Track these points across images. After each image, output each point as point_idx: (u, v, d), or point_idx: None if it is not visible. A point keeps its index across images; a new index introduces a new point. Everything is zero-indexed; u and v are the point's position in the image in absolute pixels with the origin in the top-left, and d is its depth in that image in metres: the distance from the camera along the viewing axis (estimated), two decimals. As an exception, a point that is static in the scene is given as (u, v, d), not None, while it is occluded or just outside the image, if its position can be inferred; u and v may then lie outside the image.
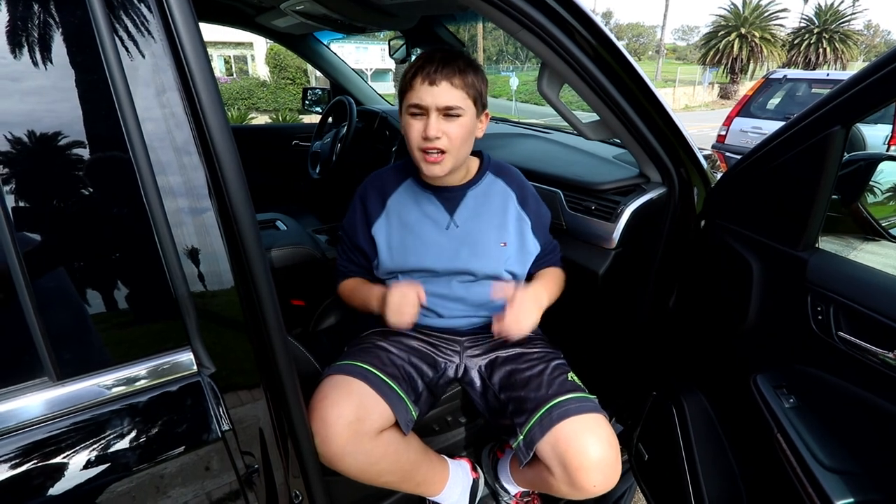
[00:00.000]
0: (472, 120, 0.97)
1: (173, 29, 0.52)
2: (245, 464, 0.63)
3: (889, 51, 0.73)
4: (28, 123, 0.47)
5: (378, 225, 1.08)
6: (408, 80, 0.94)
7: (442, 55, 0.93)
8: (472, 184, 1.08)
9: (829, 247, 0.91)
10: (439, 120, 0.93)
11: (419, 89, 0.92)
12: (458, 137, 0.95)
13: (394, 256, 1.06)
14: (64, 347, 0.50)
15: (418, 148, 0.96)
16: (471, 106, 0.96)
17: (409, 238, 1.05)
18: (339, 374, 0.94)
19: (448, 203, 1.07)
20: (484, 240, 1.06)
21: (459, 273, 1.06)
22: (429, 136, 0.92)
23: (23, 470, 0.48)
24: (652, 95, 1.03)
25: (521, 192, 1.13)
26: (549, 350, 1.10)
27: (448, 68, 0.91)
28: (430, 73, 0.91)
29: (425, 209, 1.07)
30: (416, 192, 1.08)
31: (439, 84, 0.91)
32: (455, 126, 0.94)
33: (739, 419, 1.04)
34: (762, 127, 5.75)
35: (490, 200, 1.09)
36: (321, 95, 2.75)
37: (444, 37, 2.08)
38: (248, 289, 0.61)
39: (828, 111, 0.81)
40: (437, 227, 1.06)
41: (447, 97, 0.92)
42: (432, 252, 1.05)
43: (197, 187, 0.55)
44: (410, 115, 0.95)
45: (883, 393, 0.75)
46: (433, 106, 0.92)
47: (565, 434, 0.89)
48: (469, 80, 0.94)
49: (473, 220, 1.07)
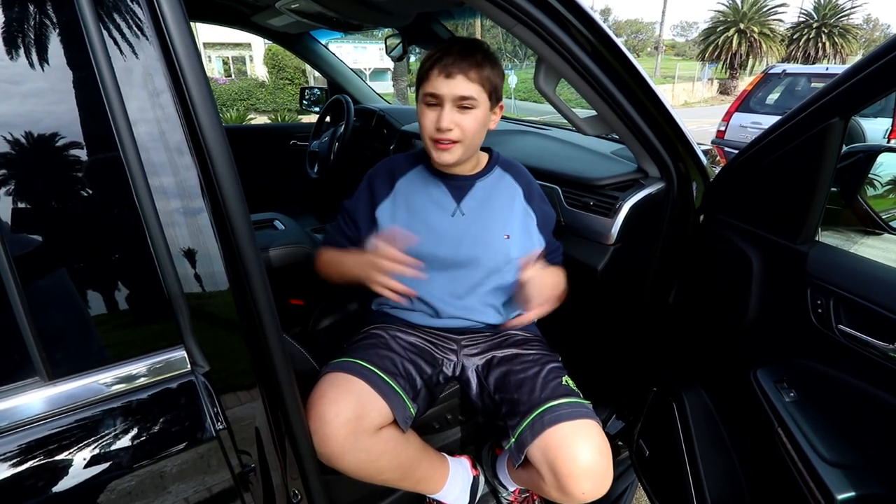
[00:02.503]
0: (486, 112, 0.98)
1: (164, 29, 0.52)
2: (241, 463, 0.63)
3: (886, 41, 0.72)
4: (20, 125, 0.46)
5: (383, 207, 1.08)
6: (425, 69, 0.95)
7: (460, 47, 0.93)
8: (481, 175, 1.10)
9: (829, 240, 0.91)
10: (453, 111, 0.94)
11: (435, 80, 0.93)
12: (471, 129, 0.96)
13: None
14: (55, 347, 0.50)
15: (430, 137, 0.97)
16: (485, 99, 0.96)
17: (414, 221, 1.05)
18: (337, 371, 0.93)
19: (456, 191, 1.08)
20: (488, 230, 1.07)
21: (460, 264, 1.06)
22: (441, 127, 0.94)
23: (15, 471, 0.48)
24: (649, 89, 1.03)
25: (528, 188, 1.14)
26: (546, 353, 1.09)
27: (465, 61, 0.92)
28: (447, 66, 0.91)
29: (433, 194, 1.07)
30: (426, 178, 1.08)
31: (455, 77, 0.92)
32: (469, 118, 0.95)
33: (740, 414, 1.04)
34: (762, 122, 5.74)
35: (498, 193, 1.10)
36: (319, 95, 2.75)
37: (440, 34, 2.07)
38: (242, 288, 0.60)
39: (826, 103, 0.81)
40: (443, 213, 1.06)
41: (463, 89, 0.92)
42: (435, 237, 1.05)
43: (190, 187, 0.55)
44: (425, 105, 0.96)
45: (883, 386, 0.75)
46: (448, 96, 0.93)
47: (555, 440, 0.88)
48: (485, 73, 0.94)
49: (480, 210, 1.07)
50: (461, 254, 1.05)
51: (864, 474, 0.78)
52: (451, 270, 1.07)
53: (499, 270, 1.08)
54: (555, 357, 1.09)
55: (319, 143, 2.39)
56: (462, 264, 1.06)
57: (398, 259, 0.88)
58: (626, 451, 1.43)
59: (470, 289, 1.08)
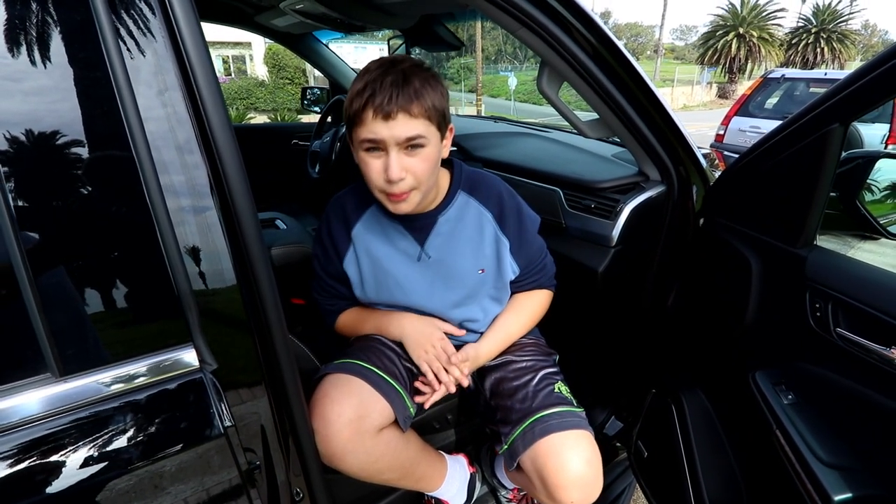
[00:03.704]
0: (437, 147, 0.86)
1: (175, 28, 0.52)
2: (247, 460, 0.63)
3: (887, 48, 0.73)
4: (32, 123, 0.47)
5: (348, 259, 1.01)
6: (355, 110, 0.80)
7: (392, 78, 0.78)
8: (442, 208, 0.97)
9: (828, 244, 0.92)
10: (400, 156, 0.81)
11: (372, 123, 0.79)
12: (425, 172, 0.84)
13: (367, 292, 1.02)
14: (67, 344, 0.50)
15: (380, 190, 0.85)
16: (434, 132, 0.84)
17: (381, 273, 0.99)
18: (339, 372, 0.94)
19: (417, 233, 0.97)
20: (459, 269, 0.99)
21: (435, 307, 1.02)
22: (392, 178, 0.81)
23: (27, 465, 0.49)
24: (651, 94, 1.04)
25: (500, 209, 1.00)
26: (540, 358, 1.08)
27: (403, 96, 0.78)
28: (382, 105, 0.77)
29: (393, 240, 0.98)
30: (382, 222, 0.98)
31: (395, 116, 0.78)
32: (419, 160, 0.83)
33: (738, 416, 1.05)
34: (760, 126, 5.75)
35: (463, 224, 0.98)
36: (320, 95, 2.75)
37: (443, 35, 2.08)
38: (249, 286, 0.61)
39: (826, 109, 0.82)
40: (408, 259, 0.98)
41: (407, 129, 0.79)
42: (405, 287, 0.99)
43: (199, 185, 0.56)
44: (365, 152, 0.83)
45: (880, 389, 0.76)
46: (391, 140, 0.80)
47: (545, 450, 0.89)
48: (428, 103, 0.80)
49: (447, 248, 0.98)
50: (434, 298, 1.00)
51: (861, 476, 0.79)
52: (430, 312, 1.04)
53: (478, 302, 1.04)
54: (550, 361, 1.08)
55: (321, 144, 2.39)
56: (438, 306, 1.02)
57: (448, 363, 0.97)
58: (624, 452, 1.44)
59: (452, 320, 1.05)
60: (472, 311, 1.04)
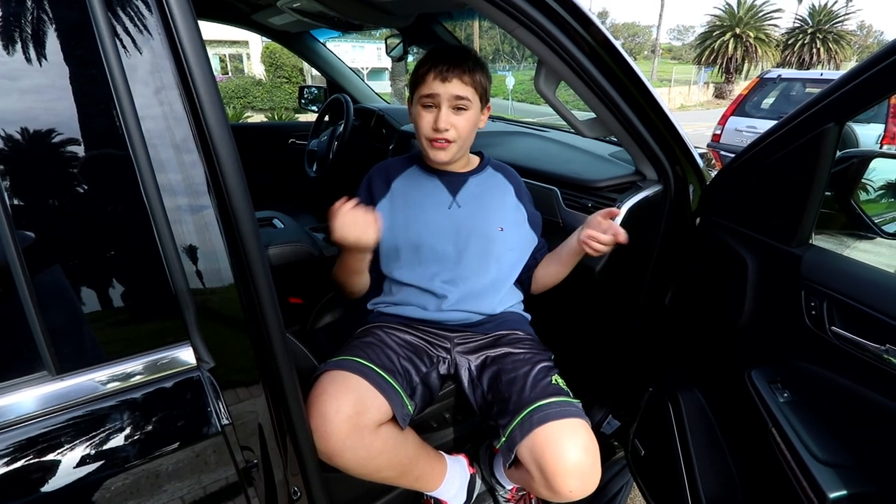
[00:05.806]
0: (477, 113, 1.06)
1: (172, 26, 0.52)
2: (244, 459, 0.63)
3: (882, 48, 0.73)
4: (29, 121, 0.47)
5: (381, 205, 1.13)
6: (421, 74, 1.02)
7: (453, 54, 1.01)
8: (474, 172, 1.17)
9: (823, 243, 0.92)
10: (449, 112, 1.01)
11: (432, 83, 1.00)
12: (465, 129, 1.04)
13: (395, 233, 1.10)
14: (64, 342, 0.50)
15: (427, 137, 1.04)
16: (477, 100, 1.04)
17: (412, 213, 1.11)
18: (336, 369, 0.94)
19: (451, 186, 1.14)
20: (483, 222, 1.13)
21: (458, 255, 1.10)
22: (439, 127, 1.01)
23: (23, 464, 0.48)
24: (648, 93, 1.04)
25: (518, 188, 1.21)
26: (537, 351, 1.10)
27: (459, 66, 1.00)
28: (442, 70, 0.99)
29: (429, 190, 1.13)
30: (421, 176, 1.15)
31: (451, 80, 1.00)
32: (463, 119, 1.03)
33: (735, 414, 1.05)
34: (757, 126, 5.78)
35: (490, 189, 1.17)
36: (318, 94, 2.74)
37: (440, 35, 2.08)
38: (247, 285, 0.61)
39: (821, 108, 0.82)
40: (439, 206, 1.12)
41: (458, 89, 1.00)
42: (432, 227, 1.11)
43: (196, 184, 0.56)
44: (422, 107, 1.03)
45: (875, 386, 0.76)
46: (445, 97, 1.00)
47: (543, 439, 0.89)
48: (477, 77, 1.03)
49: (474, 203, 1.14)
50: (459, 244, 1.11)
51: (855, 473, 0.80)
52: (449, 261, 1.10)
53: (495, 261, 1.13)
54: (546, 356, 1.10)
55: (318, 143, 2.39)
56: (460, 255, 1.11)
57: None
58: (621, 450, 1.44)
59: (466, 279, 1.11)
60: (488, 271, 1.13)
